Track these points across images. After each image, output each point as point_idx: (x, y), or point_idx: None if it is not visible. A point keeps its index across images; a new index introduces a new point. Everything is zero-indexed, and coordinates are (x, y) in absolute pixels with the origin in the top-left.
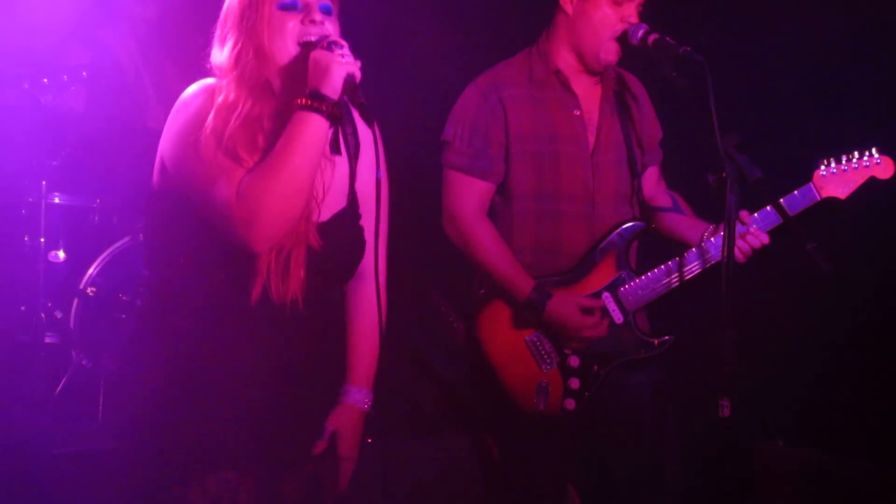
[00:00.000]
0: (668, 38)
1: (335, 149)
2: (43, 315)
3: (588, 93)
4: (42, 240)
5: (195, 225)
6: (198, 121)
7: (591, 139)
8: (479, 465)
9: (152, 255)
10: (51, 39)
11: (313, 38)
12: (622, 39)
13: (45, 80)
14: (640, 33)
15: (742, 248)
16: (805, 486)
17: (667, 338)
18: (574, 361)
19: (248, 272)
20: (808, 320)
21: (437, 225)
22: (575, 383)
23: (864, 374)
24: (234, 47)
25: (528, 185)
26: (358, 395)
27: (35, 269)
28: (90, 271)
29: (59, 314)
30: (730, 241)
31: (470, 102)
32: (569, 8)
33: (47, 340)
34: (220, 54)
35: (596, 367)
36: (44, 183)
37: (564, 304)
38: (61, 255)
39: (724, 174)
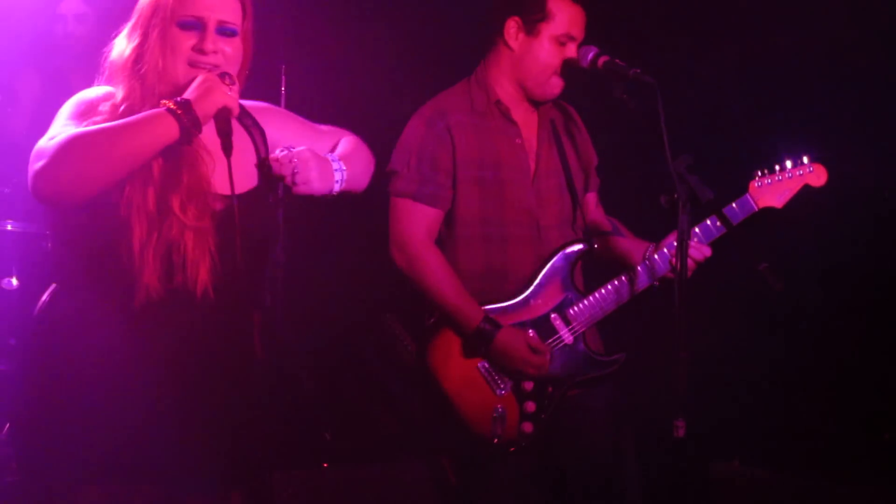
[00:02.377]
0: (617, 60)
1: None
2: None
3: (526, 120)
4: None
5: (81, 228)
6: (63, 110)
7: (532, 166)
8: (435, 489)
9: (53, 264)
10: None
11: (205, 68)
12: (568, 66)
13: None
14: (591, 55)
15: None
16: None
17: (619, 356)
18: (528, 385)
19: (139, 269)
20: (762, 339)
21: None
22: (531, 406)
23: (819, 393)
24: (134, 50)
25: (473, 210)
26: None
27: None
28: (44, 298)
29: (12, 341)
30: (683, 262)
31: (416, 131)
32: (514, 45)
33: (1, 368)
34: (122, 49)
35: (550, 389)
36: None
37: (513, 339)
38: (14, 282)
39: (675, 195)
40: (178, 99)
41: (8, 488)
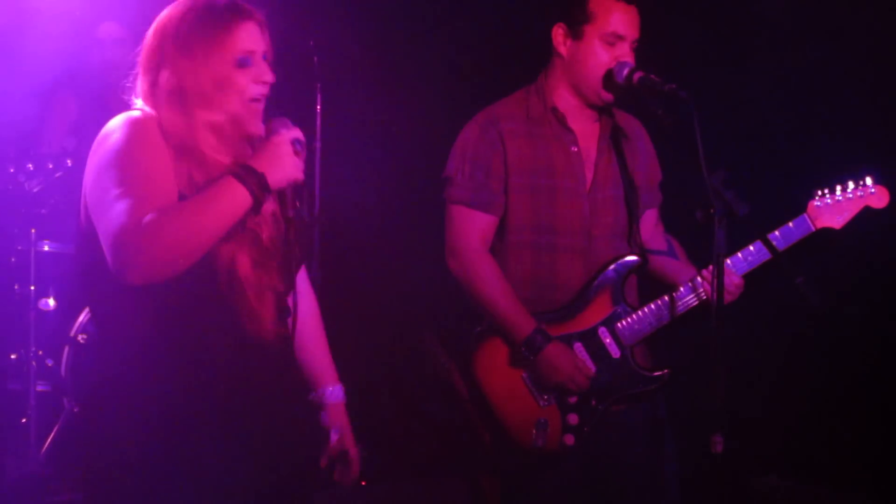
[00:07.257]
0: (653, 76)
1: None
2: (34, 363)
3: (586, 130)
4: (32, 288)
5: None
6: (119, 147)
7: (589, 175)
8: None
9: (92, 289)
10: (36, 123)
11: (260, 99)
12: (607, 78)
13: (30, 167)
14: (625, 72)
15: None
16: None
17: (664, 371)
18: (572, 398)
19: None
20: (800, 354)
21: (428, 263)
22: (574, 419)
23: (857, 408)
24: (180, 80)
25: (525, 218)
26: (339, 392)
27: (26, 317)
28: (80, 318)
29: (50, 362)
30: (719, 276)
31: (470, 138)
32: (563, 51)
33: (39, 388)
34: (162, 80)
35: (594, 402)
36: (33, 231)
37: (561, 354)
38: (52, 302)
39: (711, 210)
40: (250, 167)
41: None
